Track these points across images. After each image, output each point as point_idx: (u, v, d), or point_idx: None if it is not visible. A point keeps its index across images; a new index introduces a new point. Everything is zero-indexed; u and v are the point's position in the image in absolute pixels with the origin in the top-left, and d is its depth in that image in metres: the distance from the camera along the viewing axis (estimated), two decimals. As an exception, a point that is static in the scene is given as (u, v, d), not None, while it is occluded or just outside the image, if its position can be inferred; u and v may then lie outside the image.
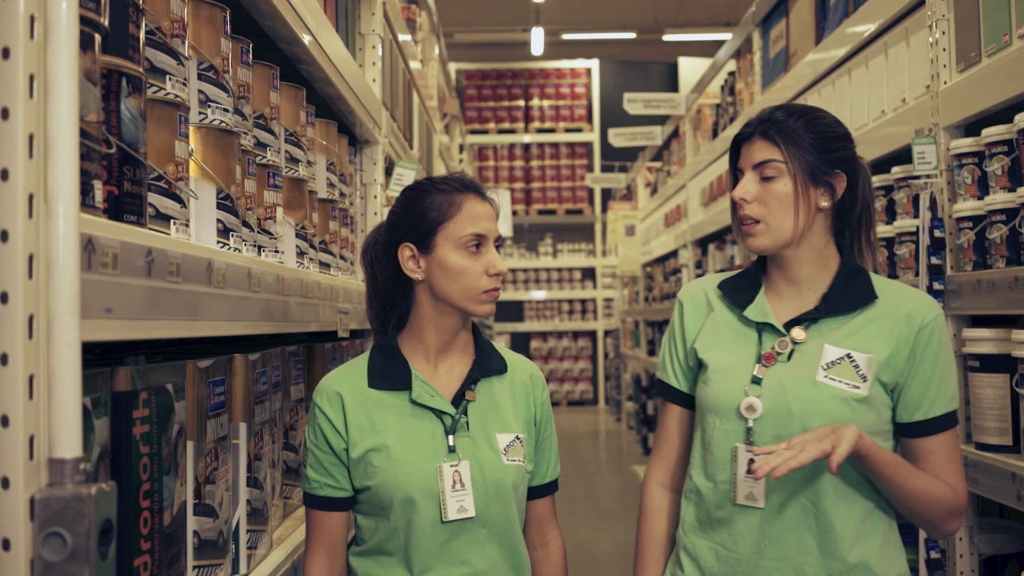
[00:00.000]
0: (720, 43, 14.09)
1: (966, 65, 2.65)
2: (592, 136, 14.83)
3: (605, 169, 13.88)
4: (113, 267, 1.00)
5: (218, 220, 1.52)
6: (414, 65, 4.44)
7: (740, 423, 1.68)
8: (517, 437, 1.75)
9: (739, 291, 1.78)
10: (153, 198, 1.28)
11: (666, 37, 14.16)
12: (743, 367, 1.71)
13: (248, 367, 1.67)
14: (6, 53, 0.84)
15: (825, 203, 1.71)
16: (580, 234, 15.02)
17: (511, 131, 15.04)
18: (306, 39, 2.05)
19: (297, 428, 2.13)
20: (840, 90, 3.73)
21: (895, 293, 1.72)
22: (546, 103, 15.09)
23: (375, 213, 3.07)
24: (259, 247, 1.80)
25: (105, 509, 0.87)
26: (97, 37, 1.04)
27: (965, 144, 2.60)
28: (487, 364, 1.79)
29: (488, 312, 1.73)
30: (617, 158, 12.90)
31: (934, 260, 2.74)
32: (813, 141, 1.69)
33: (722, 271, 5.89)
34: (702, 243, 6.92)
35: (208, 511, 1.45)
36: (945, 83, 2.75)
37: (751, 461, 1.65)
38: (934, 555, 2.60)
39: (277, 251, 1.89)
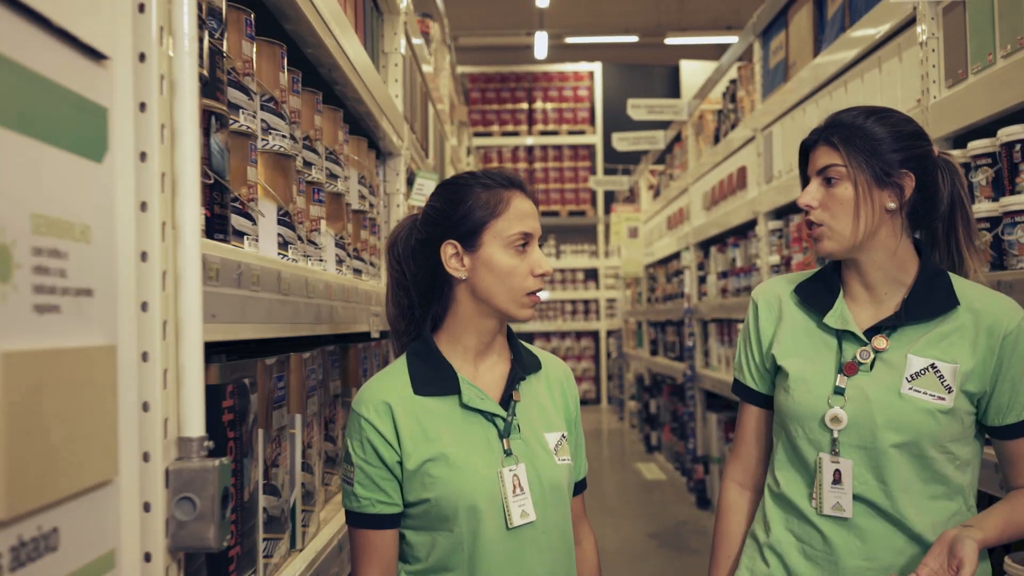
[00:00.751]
0: (721, 46, 14.30)
1: (954, 81, 2.84)
2: (595, 138, 15.02)
3: (608, 171, 14.05)
4: (216, 280, 1.19)
5: (278, 234, 1.71)
6: (428, 75, 4.63)
7: (824, 433, 1.68)
8: (563, 435, 1.72)
9: (817, 296, 1.76)
10: (232, 218, 1.47)
11: (668, 40, 14.34)
12: (824, 376, 1.70)
13: (301, 365, 1.87)
14: (143, 107, 1.03)
15: (892, 204, 1.68)
16: (583, 235, 15.20)
17: (515, 133, 15.22)
18: (343, 64, 2.24)
19: (335, 421, 2.32)
20: (837, 101, 3.91)
21: (977, 298, 1.69)
22: (549, 106, 15.27)
23: (397, 220, 3.27)
24: (307, 256, 1.99)
25: (224, 479, 1.06)
26: (198, 85, 1.24)
27: (953, 156, 2.79)
28: (525, 363, 1.74)
29: (529, 317, 1.68)
30: (620, 161, 13.07)
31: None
32: (876, 143, 1.67)
33: (723, 274, 6.09)
34: (704, 245, 7.09)
35: (273, 491, 1.64)
36: (935, 98, 2.93)
37: (837, 471, 1.67)
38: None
39: (321, 260, 2.08)
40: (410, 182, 3.44)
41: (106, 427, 0.87)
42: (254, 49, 1.60)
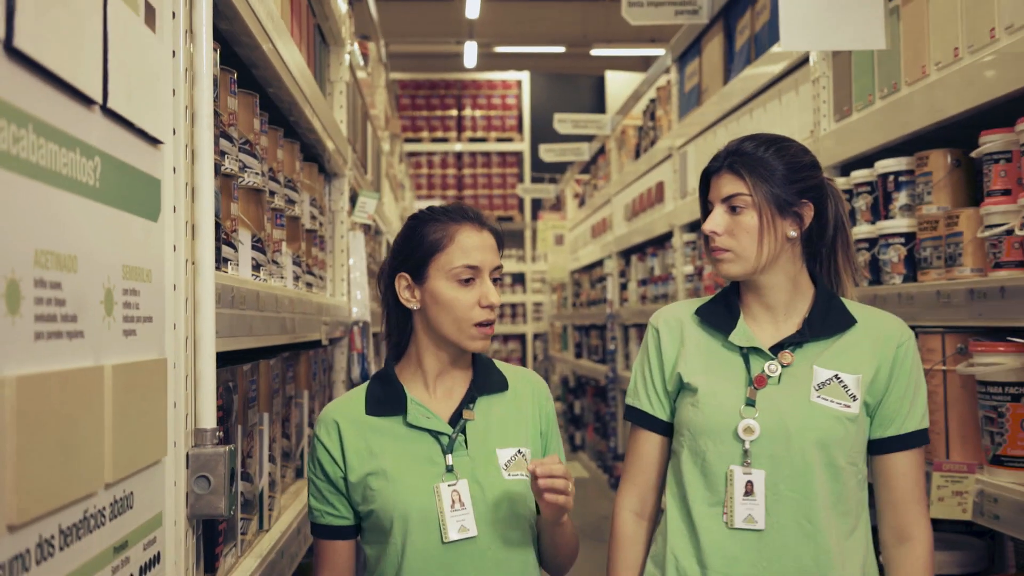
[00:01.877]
0: (645, 58, 14.77)
1: (841, 117, 3.21)
2: (523, 146, 15.36)
3: (535, 179, 14.42)
4: (219, 303, 1.48)
5: (252, 258, 1.99)
6: (367, 94, 4.91)
7: (736, 445, 1.71)
8: (519, 451, 1.74)
9: (718, 317, 1.81)
10: (221, 248, 1.75)
11: (594, 51, 14.75)
12: (734, 390, 1.74)
13: (268, 370, 2.15)
14: (174, 170, 1.31)
15: (793, 232, 1.75)
16: (511, 240, 15.47)
17: (444, 140, 15.49)
18: (301, 102, 2.52)
19: (290, 420, 2.60)
20: (743, 126, 4.29)
21: (871, 316, 1.79)
22: (478, 113, 15.56)
23: (341, 236, 3.55)
24: (271, 275, 2.26)
25: (231, 461, 1.35)
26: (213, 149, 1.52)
27: (839, 183, 3.16)
28: (485, 382, 1.78)
29: (480, 348, 1.73)
30: (547, 169, 13.44)
31: (813, 279, 3.31)
32: (779, 173, 1.73)
33: (643, 282, 6.46)
34: (626, 254, 7.45)
35: (247, 478, 1.92)
36: (825, 130, 3.31)
37: (749, 483, 1.70)
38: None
39: (282, 277, 2.36)
40: (352, 200, 3.72)
41: (161, 419, 1.16)
42: (236, 102, 1.88)
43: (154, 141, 1.13)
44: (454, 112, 15.58)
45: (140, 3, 1.07)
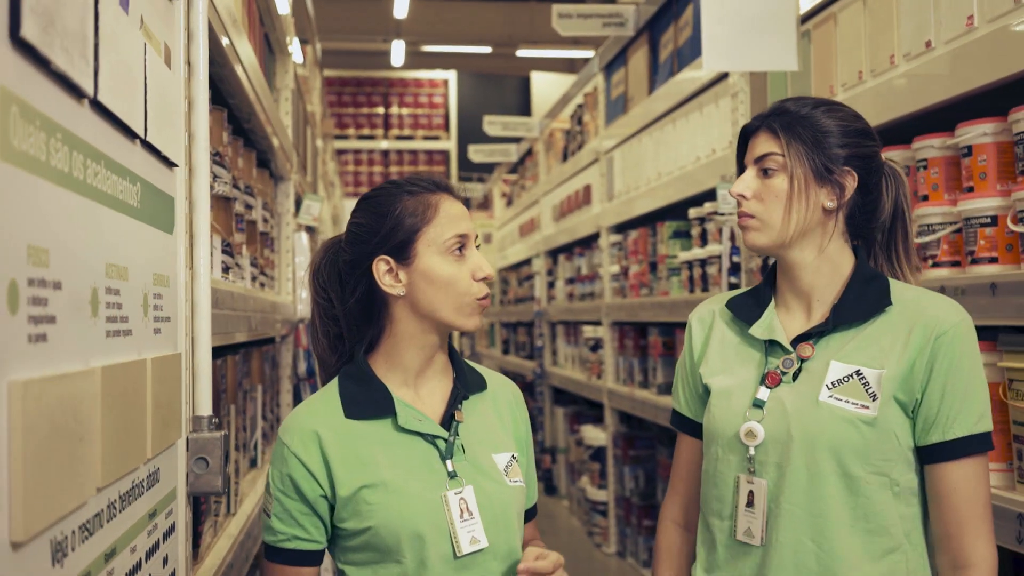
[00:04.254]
0: (570, 60, 15.06)
1: (757, 129, 3.47)
2: (450, 144, 15.53)
3: (463, 178, 14.59)
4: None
5: (223, 262, 2.15)
6: (307, 98, 5.05)
7: (742, 451, 1.55)
8: (513, 456, 1.61)
9: (747, 308, 1.63)
10: (200, 252, 1.91)
11: (520, 52, 15.00)
12: (746, 389, 1.57)
13: (234, 365, 2.31)
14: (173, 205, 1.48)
15: (830, 203, 1.55)
16: (437, 238, 15.64)
17: (371, 137, 15.57)
18: (260, 115, 2.68)
19: (245, 412, 2.75)
20: (667, 135, 4.53)
21: (914, 300, 1.54)
22: (405, 111, 15.68)
23: (287, 237, 3.70)
24: (240, 277, 2.42)
25: (225, 445, 1.53)
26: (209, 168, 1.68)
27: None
28: (469, 381, 1.64)
29: (477, 326, 1.59)
30: (474, 168, 13.63)
31: (732, 279, 3.56)
32: (820, 134, 1.54)
33: (570, 280, 6.70)
34: (553, 253, 7.68)
35: (220, 465, 2.08)
36: (742, 141, 3.57)
37: (751, 492, 1.54)
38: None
39: (243, 278, 2.52)
40: (297, 202, 3.87)
41: (178, 405, 1.33)
42: (210, 118, 2.04)
43: (171, 164, 1.30)
44: (381, 110, 15.67)
45: (161, 45, 1.24)
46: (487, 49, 14.98)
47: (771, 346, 1.58)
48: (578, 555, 5.48)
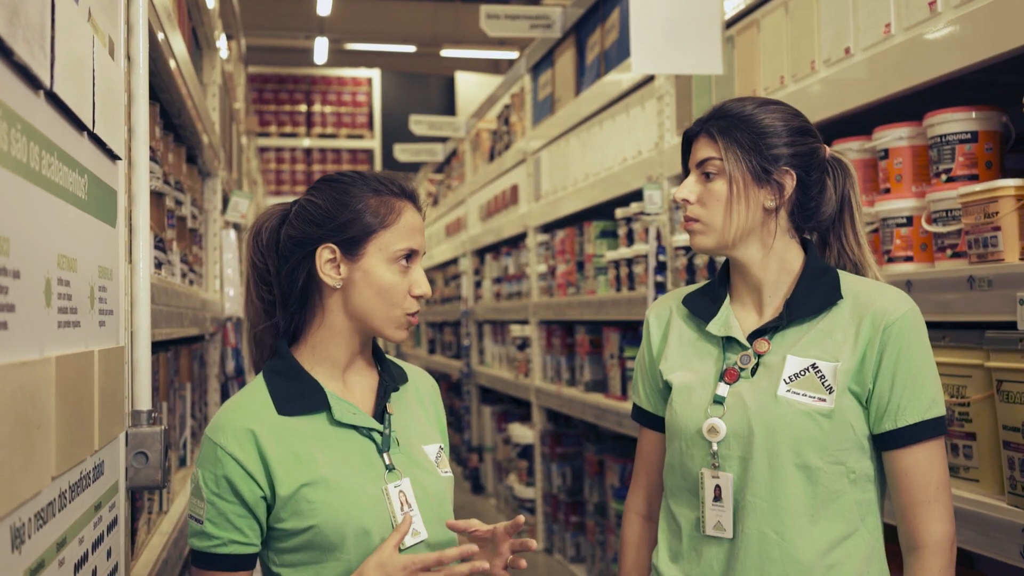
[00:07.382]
0: (495, 61, 15.11)
1: (682, 132, 3.55)
2: (374, 143, 15.45)
3: (387, 177, 14.53)
4: (146, 298, 1.64)
5: (155, 257, 2.14)
6: (232, 95, 5.00)
7: (705, 446, 1.58)
8: (440, 447, 1.63)
9: (702, 304, 1.67)
10: (134, 247, 1.90)
11: (444, 52, 14.99)
12: (706, 386, 1.61)
13: (167, 362, 2.29)
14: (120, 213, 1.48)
15: (770, 203, 1.59)
16: (361, 237, 15.55)
17: (293, 135, 15.41)
18: (191, 110, 2.66)
19: (175, 410, 2.73)
20: (594, 136, 4.60)
21: (864, 292, 1.58)
22: (328, 109, 15.55)
23: (215, 234, 3.67)
24: (171, 273, 2.41)
25: (165, 440, 1.53)
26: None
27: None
28: (394, 374, 1.64)
29: (401, 339, 1.57)
30: (399, 168, 13.58)
31: (659, 278, 3.64)
32: (758, 136, 1.57)
33: (497, 280, 6.74)
34: (480, 253, 7.71)
35: (153, 462, 2.07)
36: (668, 143, 3.64)
37: (717, 487, 1.57)
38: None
39: (173, 274, 2.50)
40: (224, 199, 3.84)
41: (120, 399, 1.33)
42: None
43: (115, 157, 1.30)
44: (303, 107, 15.51)
45: (107, 38, 1.24)
46: (411, 48, 14.94)
47: (728, 342, 1.61)
48: (505, 552, 5.51)
